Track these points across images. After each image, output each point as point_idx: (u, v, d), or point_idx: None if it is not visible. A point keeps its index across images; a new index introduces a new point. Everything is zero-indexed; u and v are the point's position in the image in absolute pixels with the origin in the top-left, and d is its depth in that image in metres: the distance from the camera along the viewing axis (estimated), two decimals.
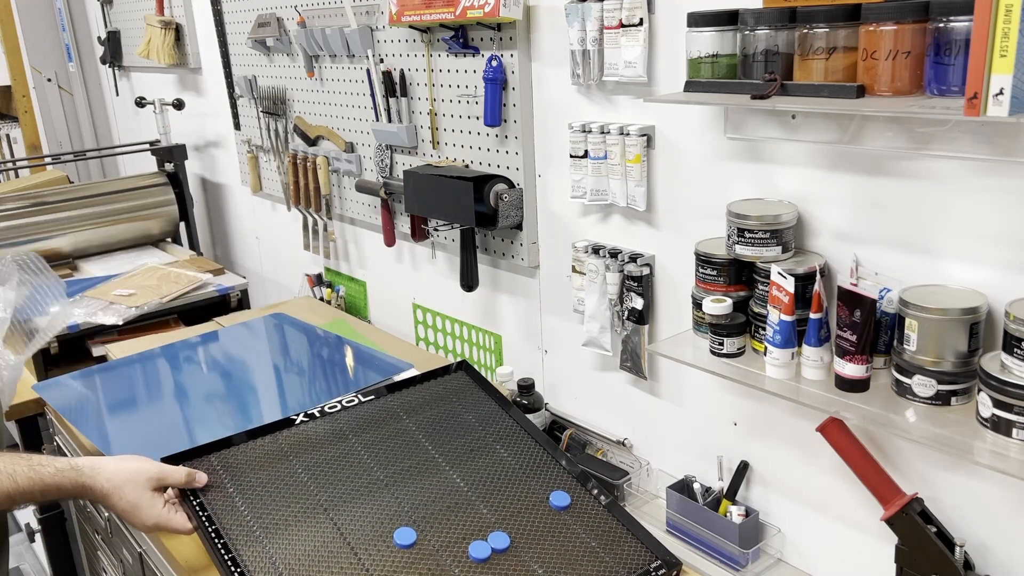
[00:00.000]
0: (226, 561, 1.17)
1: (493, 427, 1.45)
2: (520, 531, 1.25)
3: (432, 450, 1.40)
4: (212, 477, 1.30)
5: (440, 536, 1.24)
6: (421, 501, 1.29)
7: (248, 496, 1.28)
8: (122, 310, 2.34)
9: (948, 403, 1.08)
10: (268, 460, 1.36)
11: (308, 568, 1.17)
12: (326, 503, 1.28)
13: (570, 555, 1.21)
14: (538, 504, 1.30)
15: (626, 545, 1.23)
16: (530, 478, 1.34)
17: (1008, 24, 0.86)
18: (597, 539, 1.24)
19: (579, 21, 1.44)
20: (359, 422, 1.45)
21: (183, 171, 3.12)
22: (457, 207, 1.72)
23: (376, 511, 1.27)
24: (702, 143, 1.36)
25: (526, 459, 1.38)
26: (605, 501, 1.30)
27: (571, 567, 1.19)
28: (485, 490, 1.32)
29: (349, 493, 1.30)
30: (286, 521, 1.24)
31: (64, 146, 4.07)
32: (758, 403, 1.38)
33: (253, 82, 2.52)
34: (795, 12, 1.11)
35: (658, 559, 1.21)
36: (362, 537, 1.22)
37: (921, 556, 1.14)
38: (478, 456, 1.39)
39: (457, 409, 1.49)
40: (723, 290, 1.31)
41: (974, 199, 1.07)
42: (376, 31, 1.98)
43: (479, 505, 1.29)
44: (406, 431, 1.43)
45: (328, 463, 1.36)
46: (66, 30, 3.94)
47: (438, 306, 2.09)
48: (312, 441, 1.40)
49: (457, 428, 1.45)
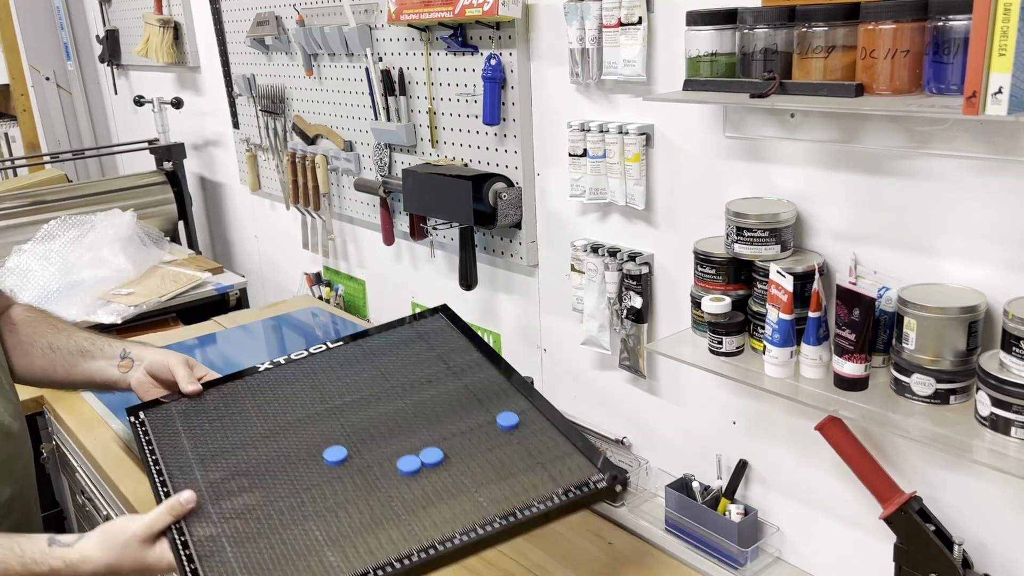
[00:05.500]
0: (159, 486, 1.22)
1: (458, 361, 1.42)
2: (457, 448, 1.23)
3: (387, 383, 1.39)
4: (167, 423, 1.35)
5: (372, 454, 1.24)
6: (362, 426, 1.29)
7: (193, 433, 1.32)
8: (121, 309, 2.34)
9: (947, 402, 1.08)
10: (222, 402, 1.38)
11: (231, 484, 1.21)
12: (267, 433, 1.30)
13: (506, 470, 1.18)
14: (484, 425, 1.27)
15: (570, 460, 1.20)
16: (484, 404, 1.32)
17: (1007, 23, 0.86)
18: (540, 455, 1.21)
19: (578, 20, 1.44)
20: (322, 366, 1.45)
21: (182, 170, 3.12)
22: (456, 206, 1.72)
23: (314, 435, 1.28)
24: (701, 142, 1.36)
25: (486, 388, 1.35)
26: (554, 418, 1.27)
27: (504, 480, 1.17)
28: (432, 415, 1.30)
29: (291, 423, 1.32)
30: (223, 450, 1.28)
31: (63, 145, 4.07)
32: (757, 402, 1.38)
33: (252, 81, 2.52)
34: (794, 11, 1.11)
35: (600, 472, 1.17)
36: (293, 457, 1.24)
37: (920, 555, 1.14)
38: (434, 386, 1.37)
39: (425, 348, 1.46)
40: (722, 289, 1.31)
41: (973, 198, 1.07)
42: (375, 30, 1.98)
43: (421, 428, 1.28)
44: (365, 370, 1.42)
45: (278, 400, 1.37)
46: (64, 29, 3.94)
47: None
48: (269, 384, 1.41)
49: (420, 364, 1.43)
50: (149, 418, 1.36)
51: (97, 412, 1.95)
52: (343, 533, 1.12)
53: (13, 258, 2.52)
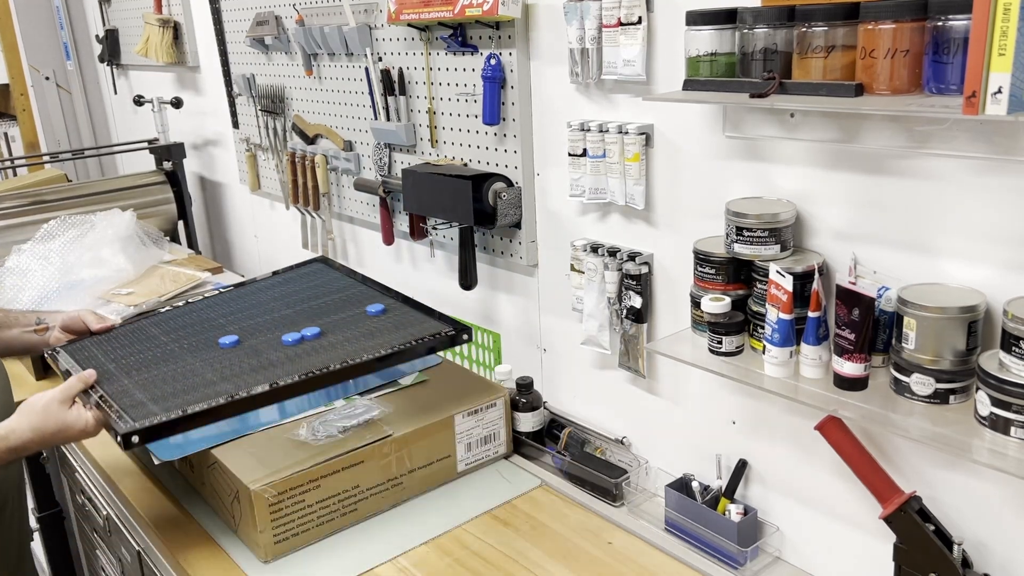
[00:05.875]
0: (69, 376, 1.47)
1: (337, 285, 1.78)
2: (333, 326, 1.58)
3: (275, 302, 1.73)
4: (82, 348, 1.63)
5: (260, 337, 1.58)
6: (253, 325, 1.66)
7: (105, 348, 1.61)
8: (121, 308, 2.34)
9: (946, 401, 1.08)
10: (131, 331, 1.70)
11: (139, 364, 1.53)
12: (170, 341, 1.62)
13: (371, 334, 1.53)
14: (356, 314, 1.62)
15: (427, 324, 1.59)
16: (357, 304, 1.67)
17: (1007, 22, 0.86)
18: (402, 325, 1.57)
19: (578, 19, 1.44)
20: (216, 302, 1.81)
21: (181, 170, 3.12)
22: (456, 206, 1.72)
23: (211, 335, 1.63)
24: (701, 142, 1.36)
25: (359, 297, 1.71)
26: (416, 305, 1.66)
27: (371, 338, 1.52)
28: (312, 315, 1.65)
29: (191, 334, 1.65)
30: (132, 353, 1.59)
31: (62, 144, 4.07)
32: (757, 402, 1.38)
33: (251, 80, 2.52)
34: (794, 10, 1.11)
35: (451, 327, 1.57)
36: (193, 347, 1.59)
37: (919, 554, 1.14)
38: (315, 300, 1.72)
39: (307, 283, 1.82)
40: (722, 288, 1.31)
41: (973, 198, 1.07)
42: (375, 29, 1.98)
43: (303, 321, 1.62)
44: (256, 299, 1.78)
45: (180, 325, 1.71)
46: (64, 28, 3.93)
47: (437, 305, 2.08)
48: (171, 317, 1.75)
49: (303, 289, 1.78)
50: (64, 348, 1.64)
51: None
52: (233, 373, 1.47)
53: (13, 258, 2.52)
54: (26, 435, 1.33)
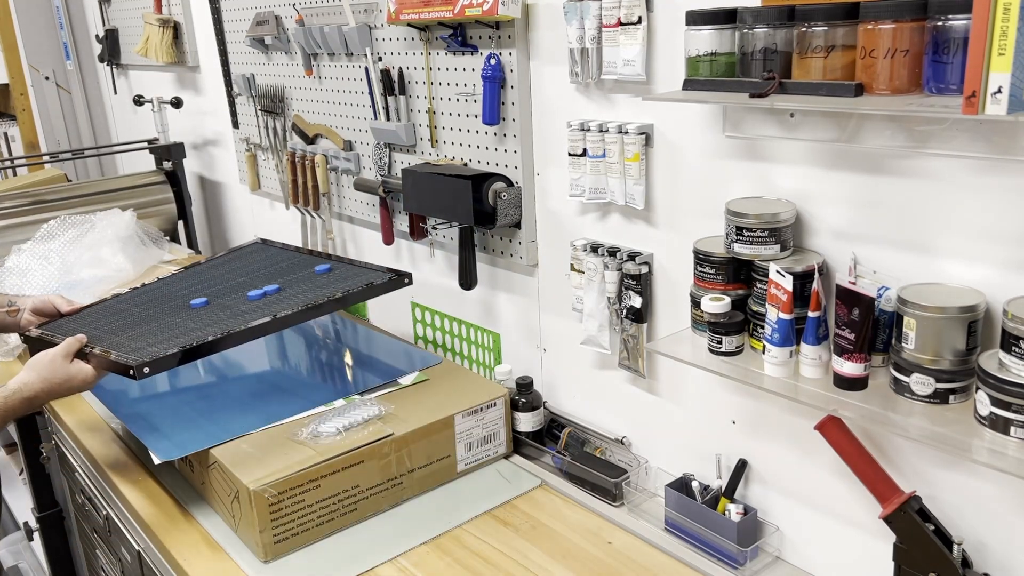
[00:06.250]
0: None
1: (281, 256, 2.02)
2: (289, 284, 1.80)
3: (229, 274, 1.94)
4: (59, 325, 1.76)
5: (227, 298, 1.77)
6: (219, 289, 1.84)
7: (95, 326, 1.72)
8: None
9: (946, 401, 1.08)
10: (102, 308, 1.84)
11: (118, 327, 1.69)
12: (155, 314, 1.76)
13: (324, 285, 1.76)
14: (307, 274, 1.86)
15: (370, 273, 1.81)
16: (303, 268, 1.90)
17: (1006, 22, 0.86)
18: (348, 277, 1.80)
19: (578, 19, 1.44)
20: (174, 280, 1.97)
21: (181, 169, 3.12)
22: (456, 205, 1.72)
23: (181, 299, 1.81)
24: (700, 141, 1.36)
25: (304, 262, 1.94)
26: (359, 263, 1.91)
27: (324, 288, 1.73)
28: (267, 277, 1.87)
29: (169, 306, 1.79)
30: (110, 322, 1.73)
31: (62, 144, 4.07)
32: (756, 401, 1.38)
33: (251, 80, 2.52)
34: (794, 10, 1.11)
35: (392, 273, 1.79)
36: (166, 309, 1.77)
37: (919, 554, 1.14)
38: (266, 268, 1.94)
39: (254, 260, 2.03)
40: (721, 288, 1.31)
41: (972, 197, 1.07)
42: (374, 29, 1.98)
43: (260, 283, 1.83)
44: (211, 274, 1.97)
45: (151, 301, 1.85)
46: (64, 28, 3.93)
47: (437, 305, 2.09)
48: (138, 295, 1.91)
49: (251, 264, 1.99)
50: (41, 328, 1.75)
51: (97, 412, 1.95)
52: (213, 322, 1.64)
53: (13, 258, 2.52)
54: (37, 386, 1.48)
